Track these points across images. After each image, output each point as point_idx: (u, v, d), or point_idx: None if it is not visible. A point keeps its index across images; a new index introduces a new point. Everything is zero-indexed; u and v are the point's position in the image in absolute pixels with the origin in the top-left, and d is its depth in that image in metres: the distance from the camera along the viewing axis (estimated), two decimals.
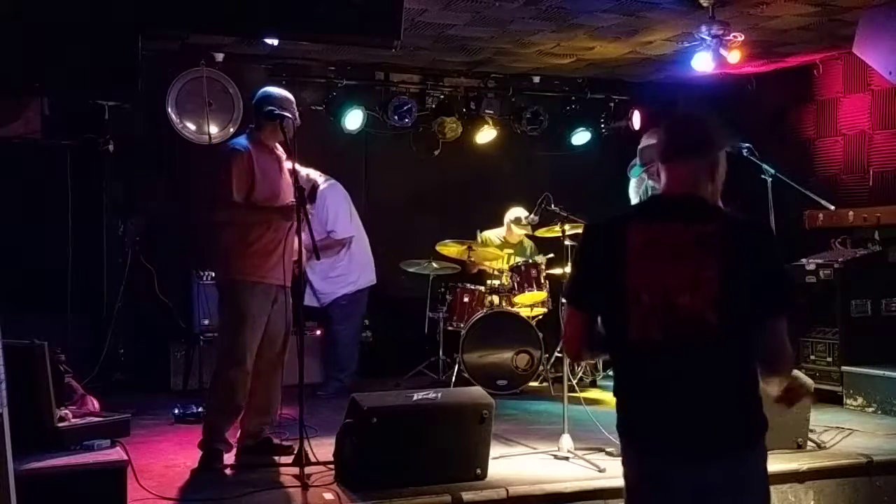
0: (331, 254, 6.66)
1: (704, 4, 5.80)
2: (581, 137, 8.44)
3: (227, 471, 4.54)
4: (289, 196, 4.70)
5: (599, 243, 2.53)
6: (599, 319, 2.54)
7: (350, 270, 6.88)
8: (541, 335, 6.91)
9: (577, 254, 2.65)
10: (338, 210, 6.73)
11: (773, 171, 5.46)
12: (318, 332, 7.16)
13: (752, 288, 2.34)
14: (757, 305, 2.36)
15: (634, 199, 6.01)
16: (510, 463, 4.63)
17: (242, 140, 4.74)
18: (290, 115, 4.66)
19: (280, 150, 4.84)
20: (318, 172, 6.53)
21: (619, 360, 2.53)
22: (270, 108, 4.67)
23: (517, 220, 7.40)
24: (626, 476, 2.54)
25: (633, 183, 5.88)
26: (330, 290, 6.84)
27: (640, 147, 5.95)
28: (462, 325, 6.95)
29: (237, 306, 4.61)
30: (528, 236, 7.65)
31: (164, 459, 4.75)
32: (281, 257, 4.63)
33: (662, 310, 2.36)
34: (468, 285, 7.22)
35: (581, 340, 2.57)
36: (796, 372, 2.59)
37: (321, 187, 6.19)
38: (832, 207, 5.98)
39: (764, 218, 5.53)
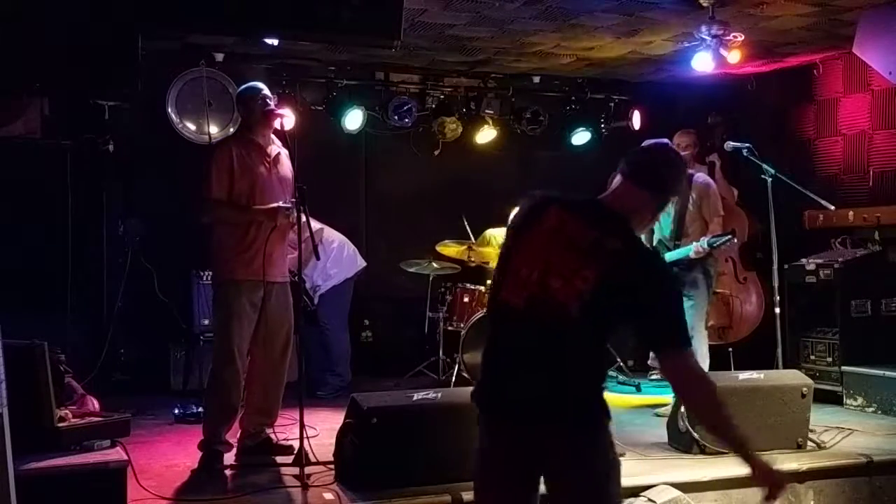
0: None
1: (704, 4, 5.79)
2: (581, 137, 8.44)
3: (227, 471, 4.54)
4: (278, 193, 4.67)
5: (524, 211, 2.70)
6: None
7: (327, 263, 6.85)
8: None
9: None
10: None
11: (773, 171, 5.46)
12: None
13: (624, 316, 2.52)
14: (628, 329, 2.54)
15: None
16: None
17: (229, 138, 4.74)
18: (270, 107, 4.68)
19: (274, 147, 4.79)
20: None
21: (489, 319, 2.75)
22: (251, 101, 4.70)
23: None
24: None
25: None
26: (316, 286, 6.84)
27: None
28: (462, 325, 6.95)
29: (224, 305, 4.63)
30: None
31: (164, 459, 4.75)
32: (269, 255, 4.61)
33: (535, 284, 2.53)
34: (468, 285, 7.23)
35: None
36: (768, 460, 2.54)
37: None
38: (832, 207, 5.98)
39: (764, 221, 5.55)
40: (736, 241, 6.01)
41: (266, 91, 4.77)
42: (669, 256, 5.83)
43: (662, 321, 2.52)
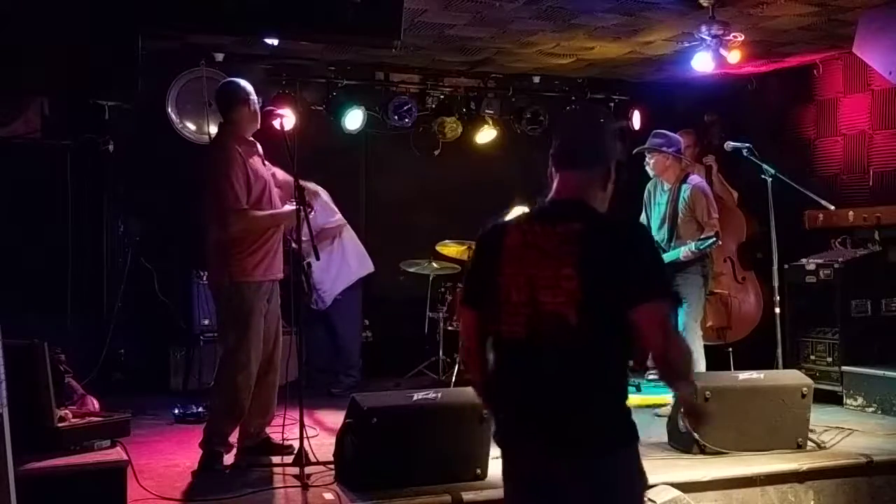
0: (325, 245, 6.67)
1: (704, 4, 5.79)
2: None
3: (227, 471, 4.54)
4: (276, 193, 4.70)
5: (485, 244, 2.62)
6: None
7: (344, 262, 6.88)
8: None
9: (472, 254, 2.70)
10: (326, 200, 6.62)
11: (773, 171, 5.46)
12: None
13: (613, 283, 2.35)
14: (621, 298, 2.35)
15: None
16: None
17: (228, 140, 4.60)
18: (268, 107, 4.72)
19: (257, 143, 4.77)
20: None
21: (494, 357, 2.59)
22: (250, 100, 4.68)
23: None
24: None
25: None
26: (329, 287, 6.84)
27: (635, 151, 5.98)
28: None
29: (241, 308, 4.52)
30: None
31: (164, 459, 4.75)
32: (276, 253, 4.63)
33: (528, 307, 2.43)
34: None
35: (473, 338, 2.64)
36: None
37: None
38: (832, 207, 5.98)
39: (764, 221, 5.56)
40: (720, 242, 6.00)
41: (249, 87, 4.74)
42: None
43: (640, 272, 2.36)
